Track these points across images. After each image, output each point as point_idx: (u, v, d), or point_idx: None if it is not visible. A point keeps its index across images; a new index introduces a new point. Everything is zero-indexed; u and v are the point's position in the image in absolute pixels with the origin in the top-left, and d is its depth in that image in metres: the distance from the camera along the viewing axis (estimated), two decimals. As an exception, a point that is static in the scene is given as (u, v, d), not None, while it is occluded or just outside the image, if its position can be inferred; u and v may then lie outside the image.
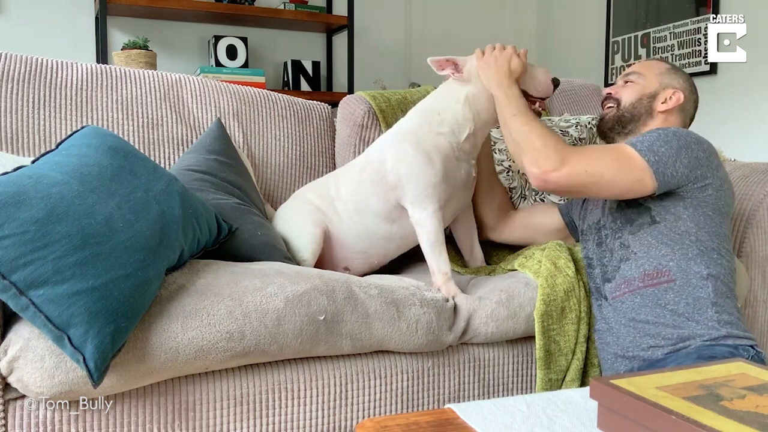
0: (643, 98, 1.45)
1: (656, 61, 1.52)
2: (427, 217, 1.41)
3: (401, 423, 0.86)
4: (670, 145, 1.27)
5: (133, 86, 1.67)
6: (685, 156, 1.27)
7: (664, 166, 1.26)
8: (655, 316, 1.26)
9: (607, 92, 1.51)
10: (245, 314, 1.10)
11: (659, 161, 1.25)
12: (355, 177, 1.52)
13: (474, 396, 1.35)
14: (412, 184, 1.42)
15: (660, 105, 1.44)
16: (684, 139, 1.29)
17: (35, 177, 1.00)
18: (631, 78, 1.48)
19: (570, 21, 3.82)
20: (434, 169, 1.42)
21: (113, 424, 1.05)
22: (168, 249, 1.11)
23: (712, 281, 1.26)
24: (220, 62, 3.12)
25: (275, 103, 1.86)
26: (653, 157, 1.26)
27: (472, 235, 1.63)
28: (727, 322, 1.24)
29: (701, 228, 1.29)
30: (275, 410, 1.17)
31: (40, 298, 0.92)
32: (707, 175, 1.29)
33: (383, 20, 3.68)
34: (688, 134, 1.31)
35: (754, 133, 2.79)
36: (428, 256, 1.42)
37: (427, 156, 1.42)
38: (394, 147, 1.47)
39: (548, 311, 1.35)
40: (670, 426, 0.73)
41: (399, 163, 1.43)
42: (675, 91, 1.44)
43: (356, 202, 1.50)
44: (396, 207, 1.47)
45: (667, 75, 1.47)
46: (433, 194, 1.42)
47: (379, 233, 1.51)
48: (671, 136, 1.29)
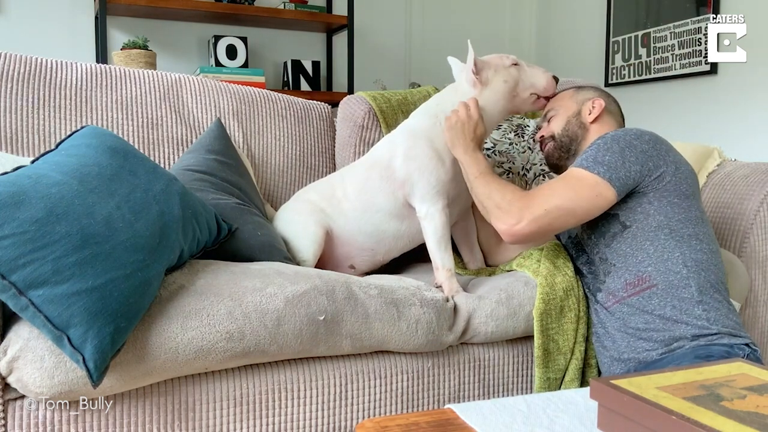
0: (571, 119, 1.50)
1: (562, 90, 1.58)
2: (436, 212, 1.43)
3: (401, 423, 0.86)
4: (612, 150, 1.29)
5: (133, 86, 1.67)
6: (630, 154, 1.29)
7: (615, 171, 1.27)
8: (644, 323, 1.27)
9: (540, 136, 1.56)
10: (245, 314, 1.10)
11: (609, 169, 1.28)
12: (363, 175, 1.52)
13: (474, 396, 1.35)
14: (423, 180, 1.44)
15: (587, 116, 1.48)
16: (623, 139, 1.31)
17: (35, 177, 1.00)
18: (551, 114, 1.53)
19: (570, 21, 3.82)
20: (445, 167, 1.45)
21: (113, 424, 1.05)
22: (168, 249, 1.11)
23: (694, 277, 1.26)
24: (220, 62, 3.12)
25: (275, 103, 1.86)
26: (601, 168, 1.28)
27: (471, 237, 1.63)
28: (716, 319, 1.24)
29: (671, 217, 1.29)
30: (275, 410, 1.17)
31: (39, 298, 0.92)
32: (659, 164, 1.30)
33: (383, 20, 3.68)
34: (626, 132, 1.33)
35: (754, 133, 2.79)
36: (433, 252, 1.43)
37: (438, 154, 1.45)
38: (404, 144, 1.48)
39: (547, 310, 1.35)
40: (671, 426, 0.73)
41: (410, 160, 1.45)
42: (593, 99, 1.49)
43: (364, 201, 1.50)
44: (404, 205, 1.48)
45: (577, 93, 1.53)
46: (442, 191, 1.44)
47: (389, 231, 1.52)
48: (610, 141, 1.31)
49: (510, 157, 1.81)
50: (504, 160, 1.80)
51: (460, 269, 1.60)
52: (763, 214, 1.69)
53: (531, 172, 1.79)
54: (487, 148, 1.81)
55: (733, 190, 1.77)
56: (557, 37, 3.92)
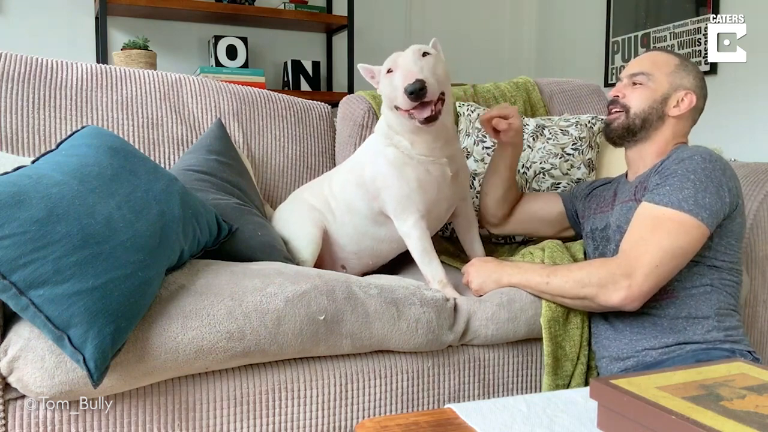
0: (654, 104, 1.34)
1: (664, 54, 1.40)
2: (409, 228, 1.41)
3: (401, 423, 0.86)
4: (709, 190, 1.19)
5: (133, 86, 1.67)
6: (725, 194, 1.20)
7: (716, 216, 1.20)
8: (652, 324, 1.26)
9: (614, 95, 1.40)
10: (245, 314, 1.10)
11: (711, 213, 1.19)
12: (345, 177, 1.52)
13: (474, 396, 1.35)
14: (389, 196, 1.41)
15: (672, 109, 1.34)
16: (714, 176, 1.21)
17: (35, 177, 1.00)
18: (640, 79, 1.36)
19: (570, 21, 3.82)
20: (405, 179, 1.39)
21: (113, 424, 1.05)
22: (168, 249, 1.11)
23: (715, 295, 1.24)
24: (220, 62, 3.12)
25: (275, 103, 1.86)
26: (704, 213, 1.18)
27: (472, 229, 1.62)
28: (727, 328, 1.23)
29: (719, 258, 1.25)
30: (275, 410, 1.17)
31: (40, 298, 0.92)
32: (738, 202, 1.24)
33: (383, 20, 3.68)
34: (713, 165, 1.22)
35: (755, 133, 2.79)
36: (420, 266, 1.42)
37: (396, 168, 1.40)
38: (368, 158, 1.46)
39: (554, 317, 1.33)
40: (670, 426, 0.73)
41: (374, 176, 1.43)
42: (687, 93, 1.34)
43: (347, 202, 1.50)
44: (380, 213, 1.47)
45: (677, 73, 1.36)
46: (410, 204, 1.40)
47: (369, 234, 1.51)
48: (703, 177, 1.20)
49: None
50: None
51: (460, 264, 1.59)
52: (763, 214, 1.69)
53: (531, 171, 1.79)
54: (487, 147, 1.81)
55: (733, 190, 1.77)
56: (557, 37, 3.92)
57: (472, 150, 1.82)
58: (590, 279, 1.21)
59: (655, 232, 1.18)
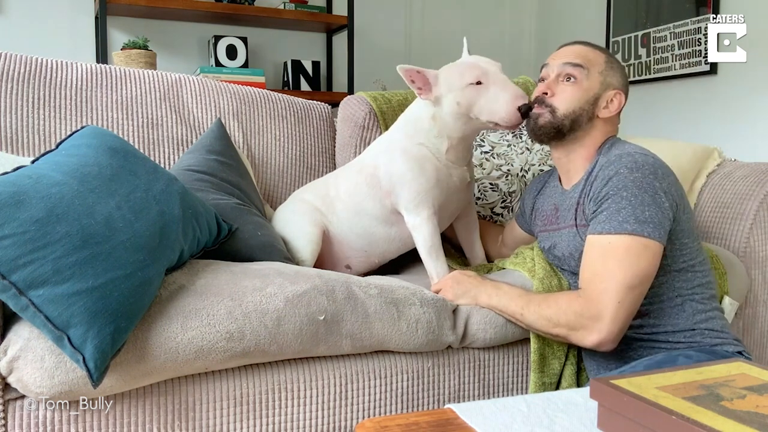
0: (585, 105, 1.29)
1: (593, 50, 1.33)
2: (422, 222, 1.42)
3: (401, 423, 0.86)
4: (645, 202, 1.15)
5: (133, 86, 1.67)
6: (662, 200, 1.16)
7: (661, 227, 1.15)
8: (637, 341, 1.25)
9: (542, 92, 1.33)
10: (245, 314, 1.10)
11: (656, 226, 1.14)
12: (353, 179, 1.53)
13: (474, 396, 1.35)
14: (405, 191, 1.42)
15: (602, 111, 1.30)
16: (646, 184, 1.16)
17: (35, 177, 1.00)
18: (575, 72, 1.29)
19: (570, 21, 3.82)
20: (425, 176, 1.42)
21: (113, 424, 1.05)
22: (168, 249, 1.11)
23: (688, 305, 1.22)
24: (220, 62, 3.12)
25: (275, 103, 1.86)
26: (648, 227, 1.14)
27: (473, 233, 1.63)
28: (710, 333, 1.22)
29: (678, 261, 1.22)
30: (275, 410, 1.17)
31: (39, 298, 0.92)
32: (677, 202, 1.20)
33: (383, 20, 3.68)
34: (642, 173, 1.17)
35: (754, 133, 2.79)
36: (426, 261, 1.43)
37: (417, 163, 1.42)
38: (384, 155, 1.47)
39: None
40: (670, 426, 0.73)
41: (391, 171, 1.44)
42: (616, 93, 1.30)
43: (355, 203, 1.50)
44: (393, 211, 1.48)
45: (607, 71, 1.30)
46: (426, 199, 1.42)
47: (379, 234, 1.52)
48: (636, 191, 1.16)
49: (509, 159, 1.81)
50: (503, 162, 1.80)
51: (460, 266, 1.59)
52: (763, 214, 1.69)
53: (530, 173, 1.79)
54: (485, 151, 1.81)
55: (733, 190, 1.77)
56: (557, 37, 3.92)
57: (472, 152, 1.82)
58: (559, 319, 1.19)
59: (606, 265, 1.15)
